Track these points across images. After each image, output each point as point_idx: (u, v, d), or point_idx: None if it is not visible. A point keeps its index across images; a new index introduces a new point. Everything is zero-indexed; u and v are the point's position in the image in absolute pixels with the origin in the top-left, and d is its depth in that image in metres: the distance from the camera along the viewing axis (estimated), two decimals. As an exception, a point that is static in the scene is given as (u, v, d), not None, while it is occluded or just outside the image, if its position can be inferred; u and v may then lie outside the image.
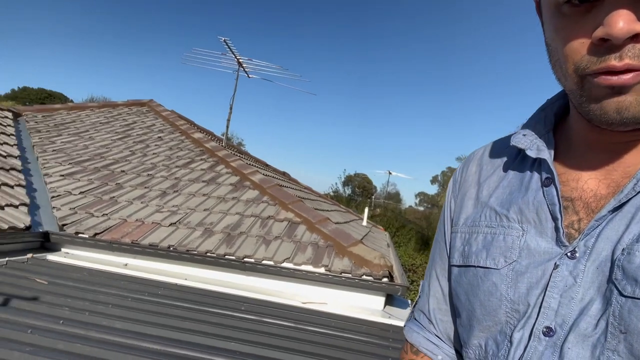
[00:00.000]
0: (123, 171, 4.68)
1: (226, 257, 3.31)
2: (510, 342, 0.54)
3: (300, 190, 6.96)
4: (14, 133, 5.17)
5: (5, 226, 3.08)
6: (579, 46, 0.48)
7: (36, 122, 6.19)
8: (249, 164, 5.55)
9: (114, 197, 4.03)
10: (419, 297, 0.74)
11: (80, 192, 4.06)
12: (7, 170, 4.02)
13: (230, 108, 7.65)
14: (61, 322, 2.00)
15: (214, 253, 3.32)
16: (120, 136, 5.93)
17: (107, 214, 3.70)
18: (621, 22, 0.43)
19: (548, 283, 0.52)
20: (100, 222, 3.56)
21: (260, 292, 3.11)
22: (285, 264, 3.27)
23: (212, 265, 3.28)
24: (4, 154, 4.36)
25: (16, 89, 32.46)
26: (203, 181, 4.59)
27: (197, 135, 6.07)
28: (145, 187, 4.32)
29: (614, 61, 0.45)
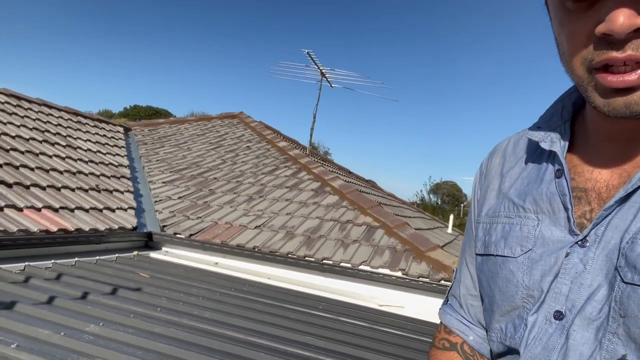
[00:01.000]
0: (215, 178, 5.07)
1: (306, 258, 3.46)
2: (526, 325, 0.57)
3: (382, 196, 6.97)
4: (124, 145, 5.84)
5: (116, 227, 3.51)
6: (584, 41, 0.49)
7: (143, 135, 6.91)
8: (331, 171, 5.71)
9: (206, 201, 4.39)
10: (452, 283, 0.78)
11: (179, 197, 4.48)
12: (119, 178, 4.56)
13: (314, 117, 7.90)
14: (159, 309, 2.26)
15: (294, 255, 3.49)
16: (213, 146, 6.42)
17: (200, 217, 4.05)
18: (622, 17, 0.44)
19: (560, 270, 0.55)
20: (195, 224, 3.90)
21: (338, 293, 3.21)
22: (362, 267, 3.34)
23: (292, 266, 3.45)
24: (116, 163, 4.95)
25: (128, 107, 36.15)
26: (286, 187, 4.82)
27: (282, 144, 6.37)
28: (234, 193, 4.64)
29: (615, 53, 0.46)
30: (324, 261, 3.41)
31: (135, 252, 3.48)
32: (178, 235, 3.71)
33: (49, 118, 5.16)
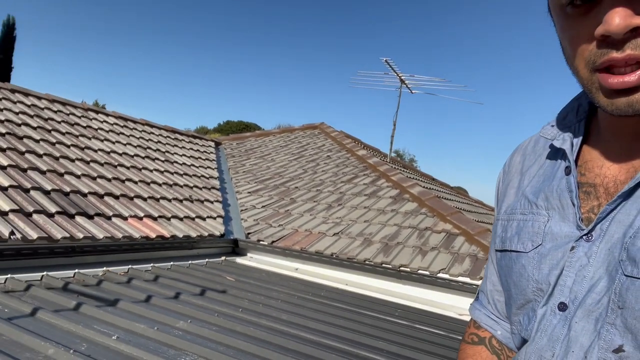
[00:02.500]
0: (296, 187, 5.28)
1: (383, 265, 3.47)
2: (535, 317, 0.59)
3: (467, 203, 6.74)
4: (215, 159, 6.28)
5: (206, 234, 3.80)
6: (585, 43, 0.51)
7: (232, 148, 7.38)
8: (411, 178, 5.65)
9: (288, 210, 4.58)
10: (483, 279, 0.80)
11: (262, 206, 4.73)
12: (209, 189, 4.93)
13: (394, 125, 7.87)
14: (240, 310, 2.43)
15: (372, 261, 3.52)
16: (295, 157, 6.67)
17: (282, 225, 4.24)
18: (617, 18, 0.46)
19: (566, 263, 0.56)
20: (277, 232, 4.10)
21: (415, 301, 3.19)
22: (441, 274, 3.28)
23: (369, 273, 3.48)
24: (207, 175, 5.36)
25: (221, 122, 38.53)
26: (365, 195, 4.87)
27: (361, 152, 6.43)
28: (314, 201, 4.79)
29: (615, 54, 0.48)
30: (401, 268, 3.41)
31: (223, 258, 3.75)
32: (261, 242, 3.92)
33: (150, 136, 5.73)
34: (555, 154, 0.66)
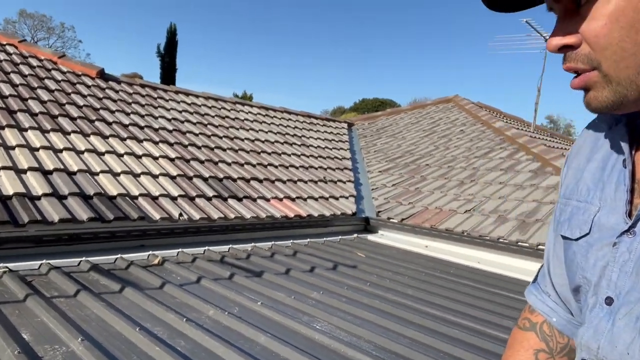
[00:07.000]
0: (427, 165, 5.24)
1: (519, 243, 3.33)
2: (587, 304, 0.61)
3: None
4: (347, 140, 6.54)
5: (339, 212, 4.06)
6: None
7: (363, 129, 7.57)
8: (556, 148, 5.18)
9: (418, 187, 4.61)
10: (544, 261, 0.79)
11: (392, 185, 4.83)
12: (342, 170, 5.19)
13: (538, 91, 7.22)
14: (368, 284, 2.61)
15: (506, 239, 3.40)
16: (427, 133, 6.58)
17: (412, 202, 4.30)
18: (550, 40, 0.55)
19: (611, 257, 0.57)
20: (406, 210, 4.17)
21: (555, 281, 3.01)
22: (585, 254, 3.03)
23: (503, 251, 3.37)
24: (340, 157, 5.63)
25: (357, 101, 39.13)
26: (501, 169, 4.64)
27: (499, 124, 6.07)
28: (445, 178, 4.73)
29: (563, 65, 0.56)
30: (539, 247, 3.22)
31: (355, 235, 3.97)
32: (391, 220, 4.04)
33: (289, 122, 6.20)
34: (616, 143, 0.65)
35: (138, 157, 3.63)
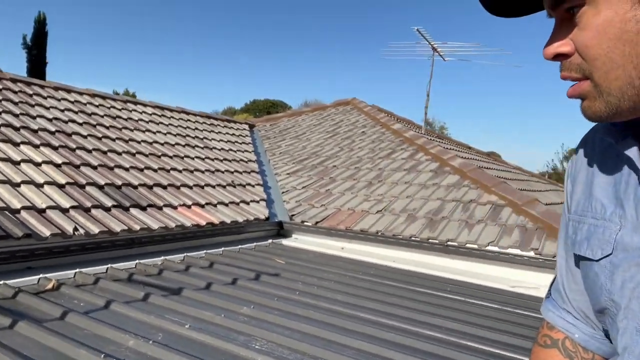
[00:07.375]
0: (334, 166, 5.29)
1: (429, 240, 3.48)
2: (617, 328, 0.58)
3: (507, 170, 6.60)
4: (250, 142, 6.35)
5: (252, 218, 3.89)
6: None
7: (265, 130, 7.43)
8: (449, 149, 5.57)
9: (328, 189, 4.62)
10: (555, 277, 0.77)
11: (302, 187, 4.78)
12: (249, 173, 5.01)
13: (427, 95, 7.73)
14: (297, 293, 2.50)
15: (417, 237, 3.53)
16: (330, 135, 6.66)
17: (324, 205, 4.28)
18: (545, 49, 0.56)
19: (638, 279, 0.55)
20: (320, 212, 4.14)
21: (465, 275, 3.19)
22: (489, 247, 3.27)
23: (416, 249, 3.50)
24: (246, 159, 5.43)
25: (248, 102, 38.65)
26: (404, 169, 4.84)
27: (397, 126, 6.36)
28: (354, 179, 4.80)
29: (560, 74, 0.56)
30: (449, 243, 3.40)
31: (270, 240, 3.83)
32: (305, 223, 3.98)
33: (187, 123, 5.82)
34: (626, 158, 0.61)
35: (15, 163, 3.09)
